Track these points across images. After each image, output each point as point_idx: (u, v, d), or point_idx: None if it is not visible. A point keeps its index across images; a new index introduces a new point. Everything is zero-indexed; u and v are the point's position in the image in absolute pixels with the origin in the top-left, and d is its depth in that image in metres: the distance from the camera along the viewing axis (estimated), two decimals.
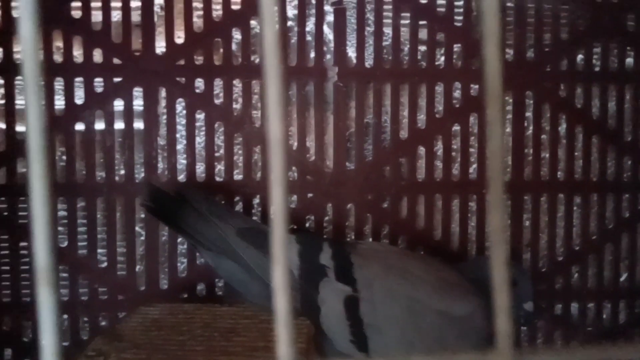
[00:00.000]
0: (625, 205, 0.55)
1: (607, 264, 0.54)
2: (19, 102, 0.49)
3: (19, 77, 0.48)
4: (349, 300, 0.42)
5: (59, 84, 0.50)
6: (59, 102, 0.50)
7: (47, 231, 0.11)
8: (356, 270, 0.43)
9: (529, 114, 0.54)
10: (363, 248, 0.46)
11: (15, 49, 0.49)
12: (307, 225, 0.52)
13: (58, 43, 0.50)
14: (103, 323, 0.50)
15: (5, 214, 0.49)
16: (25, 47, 0.11)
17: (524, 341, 0.53)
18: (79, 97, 0.50)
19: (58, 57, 0.50)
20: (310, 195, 0.52)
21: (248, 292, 0.44)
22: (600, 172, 0.54)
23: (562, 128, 0.54)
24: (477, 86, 0.53)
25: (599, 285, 0.54)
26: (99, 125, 0.50)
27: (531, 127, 0.54)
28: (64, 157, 0.50)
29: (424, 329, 0.41)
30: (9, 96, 0.49)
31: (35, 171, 0.11)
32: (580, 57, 0.54)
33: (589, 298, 0.54)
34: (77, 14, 0.49)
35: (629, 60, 0.54)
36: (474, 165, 0.53)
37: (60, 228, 0.50)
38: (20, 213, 0.50)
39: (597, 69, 0.54)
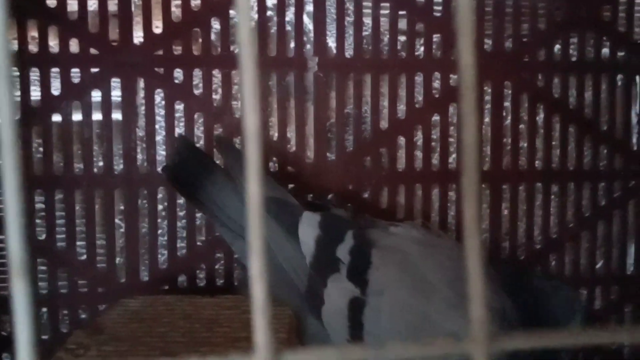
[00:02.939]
0: (601, 194, 0.55)
1: (583, 251, 0.55)
2: None
3: None
4: (354, 302, 0.40)
5: (34, 75, 0.49)
6: (35, 93, 0.49)
7: (20, 223, 0.11)
8: (371, 271, 0.40)
9: (507, 104, 0.54)
10: (390, 241, 0.42)
11: None
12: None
13: (33, 33, 0.49)
14: (83, 316, 0.50)
15: None
16: None
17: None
18: (56, 88, 0.49)
19: (33, 48, 0.49)
20: (291, 186, 0.52)
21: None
22: (577, 161, 0.55)
23: (540, 118, 0.55)
24: (456, 76, 0.53)
25: (576, 272, 0.55)
26: (77, 117, 0.50)
27: (509, 117, 0.54)
28: (41, 149, 0.49)
29: None
30: None
31: (8, 163, 0.11)
32: (557, 47, 0.54)
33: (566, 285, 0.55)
34: (52, 3, 0.49)
35: (605, 51, 0.55)
36: (454, 155, 0.54)
37: (38, 221, 0.49)
38: None
39: (574, 59, 0.54)
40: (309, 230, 0.42)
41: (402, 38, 0.53)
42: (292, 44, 0.51)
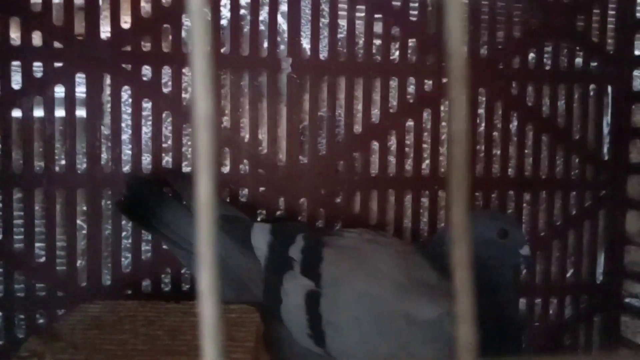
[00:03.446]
0: (573, 203, 0.56)
1: (554, 260, 0.55)
2: None
3: None
4: (310, 295, 0.41)
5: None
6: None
7: None
8: (324, 266, 0.41)
9: (481, 111, 0.54)
10: (341, 241, 0.44)
11: None
12: (258, 219, 0.51)
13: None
14: (41, 321, 0.48)
15: None
16: None
17: None
18: (16, 82, 0.47)
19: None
20: (262, 189, 0.51)
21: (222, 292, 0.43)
22: (550, 169, 0.55)
23: (513, 126, 0.55)
24: (430, 82, 0.53)
25: (546, 280, 0.55)
26: (38, 113, 0.48)
27: (483, 124, 0.54)
28: (0, 146, 0.47)
29: (387, 332, 0.39)
30: None
31: None
32: (532, 55, 0.54)
33: (537, 293, 0.55)
34: None
35: (578, 61, 0.55)
36: (427, 161, 0.53)
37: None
38: None
39: (547, 67, 0.54)
40: (261, 236, 0.44)
41: (378, 42, 0.52)
42: (266, 44, 0.50)
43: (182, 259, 0.47)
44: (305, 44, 0.51)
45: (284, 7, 0.50)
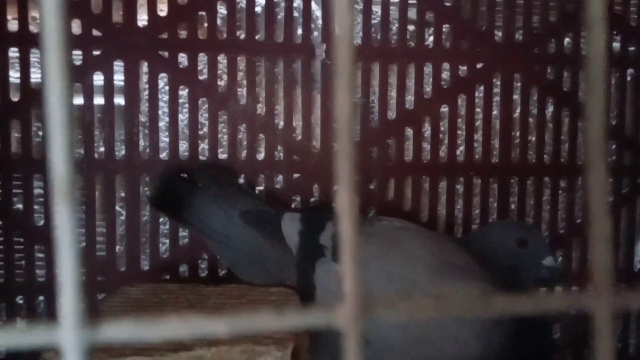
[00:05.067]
0: (610, 190, 0.55)
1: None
2: None
3: None
4: None
5: (35, 57, 0.48)
6: (35, 75, 0.48)
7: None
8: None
9: (516, 97, 0.53)
10: (372, 228, 0.44)
11: None
12: (292, 205, 0.51)
13: (34, 13, 0.47)
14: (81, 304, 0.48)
15: None
16: None
17: None
18: None
19: (34, 28, 0.47)
20: (296, 175, 0.51)
21: (252, 280, 0.44)
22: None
23: (549, 111, 0.54)
24: (465, 67, 0.52)
25: (583, 268, 0.54)
26: (78, 100, 0.48)
27: (518, 110, 0.53)
28: (40, 133, 0.48)
29: None
30: None
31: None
32: (567, 40, 0.54)
33: (573, 281, 0.54)
34: None
35: (616, 45, 0.54)
36: (462, 147, 0.53)
37: (36, 207, 0.48)
38: None
39: (584, 52, 0.54)
40: (292, 226, 0.44)
41: (412, 27, 0.52)
42: (300, 31, 0.50)
43: (214, 249, 0.47)
44: None
45: None
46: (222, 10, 0.49)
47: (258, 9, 0.50)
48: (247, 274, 0.45)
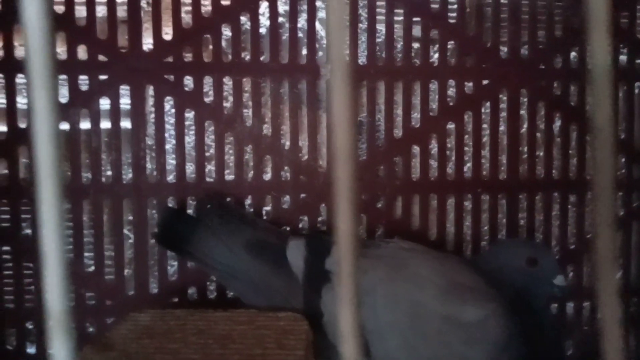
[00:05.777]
0: (620, 204, 0.54)
1: None
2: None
3: None
4: None
5: None
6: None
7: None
8: (361, 275, 0.41)
9: (523, 112, 0.53)
10: (378, 251, 0.44)
11: None
12: (300, 226, 0.51)
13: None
14: (90, 329, 0.49)
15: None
16: None
17: None
18: (63, 96, 0.48)
19: None
20: (303, 195, 0.51)
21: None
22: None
23: (556, 126, 0.54)
24: (471, 84, 0.52)
25: (594, 283, 0.54)
26: (84, 125, 0.49)
27: (525, 125, 0.53)
28: None
29: (429, 334, 0.39)
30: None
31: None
32: (573, 54, 0.53)
33: (585, 297, 0.54)
34: (60, 9, 0.48)
35: (622, 58, 0.54)
36: (469, 164, 0.52)
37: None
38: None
39: (590, 66, 0.53)
40: (297, 252, 0.44)
41: (416, 45, 0.52)
42: (305, 51, 0.50)
43: (220, 280, 0.48)
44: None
45: (322, 14, 0.50)
46: (226, 32, 0.50)
47: (263, 30, 0.50)
48: (255, 303, 0.45)
